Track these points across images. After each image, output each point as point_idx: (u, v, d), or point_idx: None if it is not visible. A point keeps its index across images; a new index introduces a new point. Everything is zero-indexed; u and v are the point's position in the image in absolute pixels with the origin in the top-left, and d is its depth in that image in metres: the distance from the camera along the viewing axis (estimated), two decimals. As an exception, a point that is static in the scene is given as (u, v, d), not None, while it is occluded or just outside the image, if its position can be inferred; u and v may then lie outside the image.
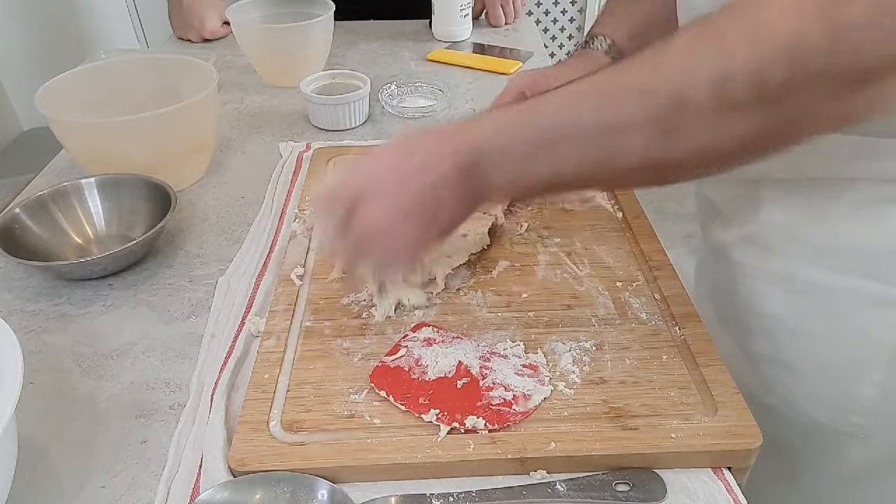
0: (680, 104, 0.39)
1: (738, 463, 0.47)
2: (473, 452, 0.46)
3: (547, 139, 0.45)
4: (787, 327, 0.59)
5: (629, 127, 0.42)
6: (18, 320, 0.61)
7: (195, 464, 0.48)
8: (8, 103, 1.55)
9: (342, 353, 0.54)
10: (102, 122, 0.74)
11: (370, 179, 0.50)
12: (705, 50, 0.39)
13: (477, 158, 0.47)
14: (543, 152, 0.45)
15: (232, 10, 1.06)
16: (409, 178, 0.48)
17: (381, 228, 0.48)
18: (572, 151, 0.44)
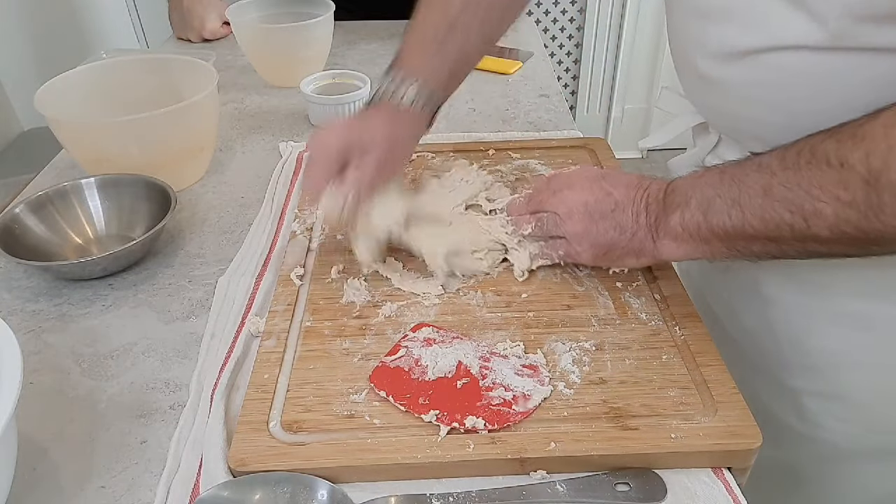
0: (874, 185, 0.41)
1: (738, 463, 0.47)
2: (473, 452, 0.46)
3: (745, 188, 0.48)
4: (841, 362, 0.59)
5: (824, 194, 0.43)
6: (18, 320, 0.61)
7: (195, 464, 0.48)
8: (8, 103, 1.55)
9: (342, 353, 0.54)
10: (102, 122, 0.74)
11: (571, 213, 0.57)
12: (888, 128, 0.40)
13: (678, 183, 0.53)
14: (739, 200, 0.48)
15: (232, 10, 1.06)
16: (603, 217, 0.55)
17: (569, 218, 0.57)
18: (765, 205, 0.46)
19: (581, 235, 0.56)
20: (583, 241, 0.57)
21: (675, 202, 0.52)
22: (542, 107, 0.99)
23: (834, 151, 0.43)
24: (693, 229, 0.51)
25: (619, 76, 2.50)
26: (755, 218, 0.47)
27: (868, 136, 0.42)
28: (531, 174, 0.77)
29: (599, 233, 0.56)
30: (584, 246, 0.57)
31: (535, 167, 0.78)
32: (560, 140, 0.85)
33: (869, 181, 0.41)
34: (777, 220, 0.46)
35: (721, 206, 0.49)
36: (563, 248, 0.59)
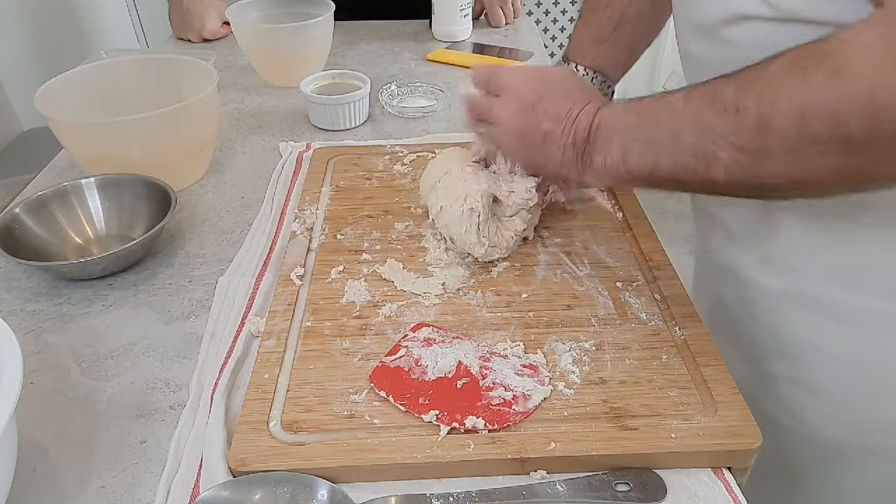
0: (764, 128, 0.42)
1: (738, 463, 0.47)
2: (473, 452, 0.46)
3: (657, 133, 0.49)
4: (810, 349, 0.59)
5: (720, 139, 0.44)
6: (18, 320, 0.61)
7: (195, 464, 0.48)
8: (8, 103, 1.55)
9: (342, 353, 0.54)
10: (102, 122, 0.74)
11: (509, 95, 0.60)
12: (791, 82, 0.41)
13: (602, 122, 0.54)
14: (652, 144, 0.50)
15: (232, 10, 1.06)
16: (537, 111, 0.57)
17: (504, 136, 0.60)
18: (673, 149, 0.48)
19: (513, 153, 0.62)
20: (514, 155, 0.63)
21: (598, 144, 0.54)
22: (542, 107, 0.99)
23: (732, 97, 0.44)
24: (613, 170, 0.53)
25: (619, 76, 2.50)
26: (667, 161, 0.49)
27: (762, 79, 0.42)
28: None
29: (529, 157, 0.61)
30: (516, 158, 0.63)
31: (535, 167, 0.78)
32: (560, 140, 0.85)
33: (759, 126, 0.42)
34: (683, 163, 0.48)
35: (638, 150, 0.51)
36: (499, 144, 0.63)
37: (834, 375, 0.58)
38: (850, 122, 0.38)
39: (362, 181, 0.77)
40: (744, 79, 0.44)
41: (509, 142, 0.61)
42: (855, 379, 0.57)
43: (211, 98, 0.78)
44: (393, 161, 0.80)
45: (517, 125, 0.59)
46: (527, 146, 0.59)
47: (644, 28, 0.74)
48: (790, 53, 0.42)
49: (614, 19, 0.73)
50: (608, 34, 0.74)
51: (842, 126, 0.39)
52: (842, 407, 0.59)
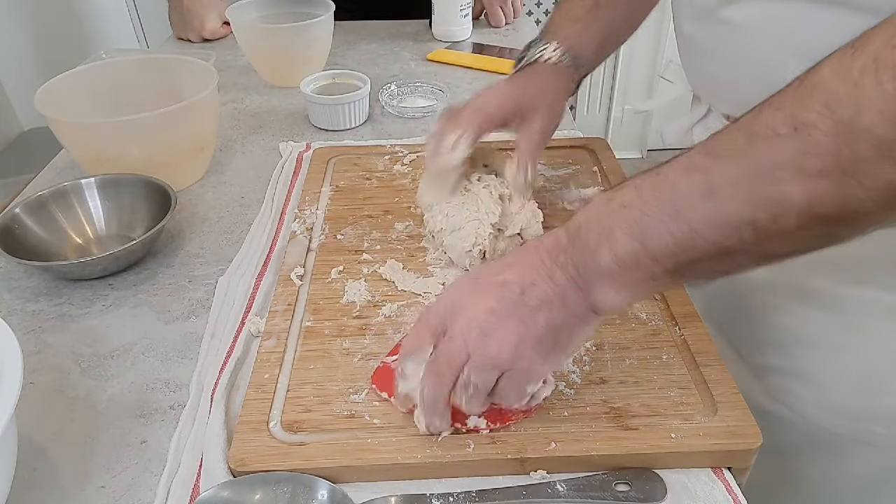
0: (848, 135, 0.32)
1: (738, 463, 0.47)
2: (473, 452, 0.46)
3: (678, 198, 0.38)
4: (802, 339, 0.58)
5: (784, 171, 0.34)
6: (18, 320, 0.61)
7: (195, 464, 0.48)
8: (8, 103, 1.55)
9: (342, 353, 0.54)
10: (102, 122, 0.74)
11: None
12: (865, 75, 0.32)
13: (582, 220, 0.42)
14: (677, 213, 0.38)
15: (232, 10, 1.06)
16: None
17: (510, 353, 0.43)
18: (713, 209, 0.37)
19: (514, 347, 0.42)
20: (520, 352, 0.42)
21: (591, 241, 0.41)
22: (542, 107, 0.99)
23: (780, 119, 0.34)
24: (631, 263, 0.40)
25: (619, 76, 2.50)
26: (706, 226, 0.37)
27: (819, 86, 0.34)
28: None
29: (528, 327, 0.42)
30: (527, 356, 0.42)
31: (535, 167, 0.78)
32: (560, 140, 0.85)
33: (838, 135, 0.33)
34: (735, 220, 0.36)
35: (657, 226, 0.38)
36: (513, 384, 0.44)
37: (826, 365, 0.58)
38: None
39: (362, 181, 0.77)
40: (785, 98, 0.35)
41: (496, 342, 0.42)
42: (847, 369, 0.57)
43: (211, 98, 0.78)
44: (393, 161, 0.80)
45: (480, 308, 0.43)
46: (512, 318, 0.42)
47: (621, 13, 0.71)
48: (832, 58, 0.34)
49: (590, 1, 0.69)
50: (583, 14, 0.69)
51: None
52: (836, 397, 0.59)
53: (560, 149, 0.82)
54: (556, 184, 0.76)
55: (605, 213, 0.41)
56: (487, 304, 0.43)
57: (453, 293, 0.45)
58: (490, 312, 0.42)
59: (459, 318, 0.43)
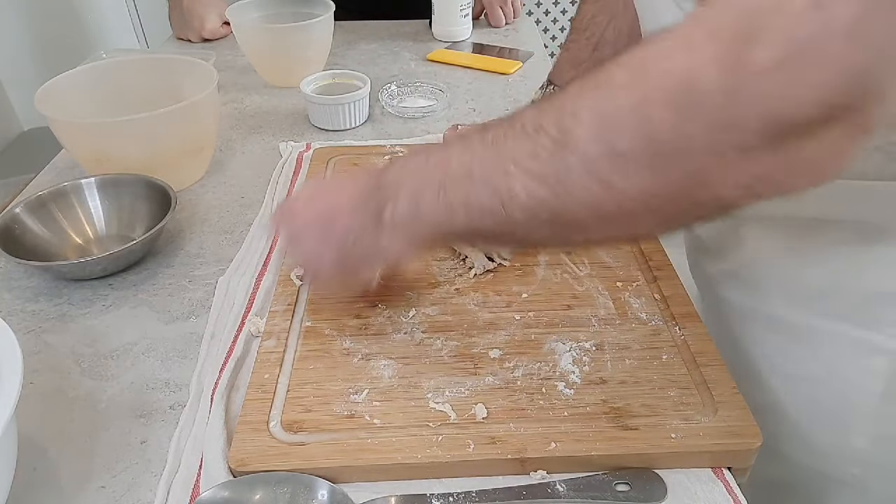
0: (562, 145, 0.35)
1: (738, 463, 0.47)
2: (473, 452, 0.46)
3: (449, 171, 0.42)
4: (776, 371, 0.57)
5: (515, 168, 0.37)
6: (18, 320, 0.61)
7: (195, 464, 0.48)
8: (8, 103, 1.55)
9: (342, 353, 0.54)
10: (102, 122, 0.74)
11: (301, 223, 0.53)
12: (592, 88, 0.35)
13: (389, 171, 0.47)
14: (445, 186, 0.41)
15: (232, 10, 1.06)
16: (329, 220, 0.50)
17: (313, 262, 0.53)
18: (468, 190, 0.40)
19: (317, 260, 0.52)
20: (320, 264, 0.52)
21: (385, 194, 0.45)
22: (542, 107, 0.99)
23: (531, 119, 0.37)
24: (406, 222, 0.44)
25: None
26: (461, 206, 0.40)
27: (562, 96, 0.36)
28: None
29: (328, 249, 0.50)
30: (324, 269, 0.52)
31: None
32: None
33: (557, 143, 0.35)
34: (479, 205, 0.39)
35: (429, 195, 0.42)
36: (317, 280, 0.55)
37: (799, 400, 0.56)
38: (660, 123, 0.32)
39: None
40: (545, 101, 0.38)
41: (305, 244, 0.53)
42: (819, 405, 0.55)
43: (211, 98, 0.78)
44: (393, 161, 0.80)
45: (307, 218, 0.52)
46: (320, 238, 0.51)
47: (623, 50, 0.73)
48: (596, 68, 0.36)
49: (593, 41, 0.71)
50: (586, 56, 0.72)
51: (646, 127, 0.32)
52: (811, 434, 0.57)
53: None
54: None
55: (401, 172, 0.46)
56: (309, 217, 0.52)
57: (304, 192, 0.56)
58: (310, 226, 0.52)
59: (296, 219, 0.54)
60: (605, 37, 0.71)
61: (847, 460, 0.56)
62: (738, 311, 0.59)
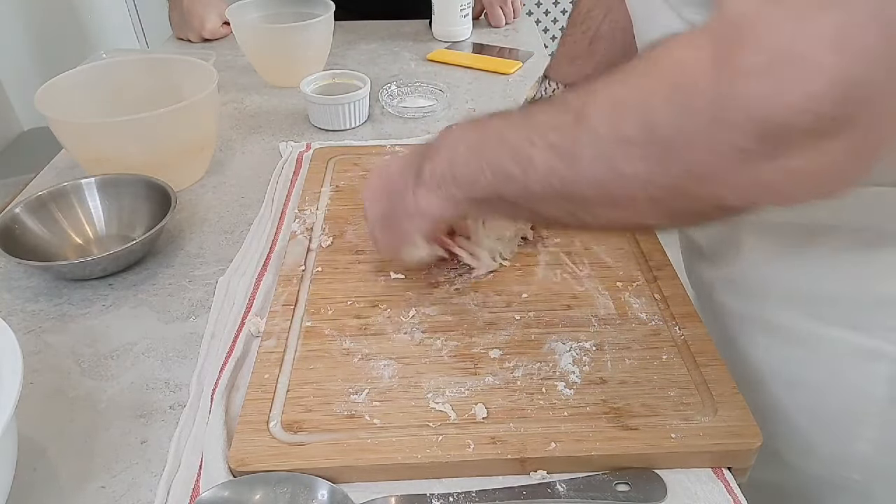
0: (579, 121, 0.37)
1: (738, 463, 0.47)
2: (473, 452, 0.46)
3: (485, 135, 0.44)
4: (776, 377, 0.57)
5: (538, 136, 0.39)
6: (18, 320, 0.61)
7: (195, 464, 0.48)
8: (8, 103, 1.55)
9: (342, 353, 0.54)
10: (102, 122, 0.74)
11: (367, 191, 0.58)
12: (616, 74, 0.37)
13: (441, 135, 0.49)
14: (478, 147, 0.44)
15: (232, 10, 1.06)
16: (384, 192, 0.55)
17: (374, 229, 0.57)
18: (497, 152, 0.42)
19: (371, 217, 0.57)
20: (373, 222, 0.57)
21: (430, 152, 0.49)
22: (542, 107, 0.99)
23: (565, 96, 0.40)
24: (440, 179, 0.47)
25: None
26: (488, 167, 0.43)
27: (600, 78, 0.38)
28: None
29: (380, 205, 0.56)
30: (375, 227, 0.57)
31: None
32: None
33: (576, 118, 0.37)
34: (503, 169, 0.41)
35: (464, 155, 0.45)
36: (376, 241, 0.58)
37: (800, 405, 0.56)
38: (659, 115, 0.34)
39: (362, 181, 0.77)
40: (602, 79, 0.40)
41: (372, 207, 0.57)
42: (820, 411, 0.55)
43: (211, 98, 0.78)
44: (393, 161, 0.80)
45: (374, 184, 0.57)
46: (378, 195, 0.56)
47: (619, 45, 0.72)
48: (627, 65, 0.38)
49: (588, 35, 0.71)
50: (582, 51, 0.72)
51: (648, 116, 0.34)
52: (813, 440, 0.56)
53: (560, 149, 0.82)
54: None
55: (448, 134, 0.48)
56: (376, 183, 0.57)
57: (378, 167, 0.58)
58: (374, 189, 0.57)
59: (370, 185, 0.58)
60: (601, 31, 0.71)
61: (849, 466, 0.56)
62: (736, 316, 0.59)
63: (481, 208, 0.47)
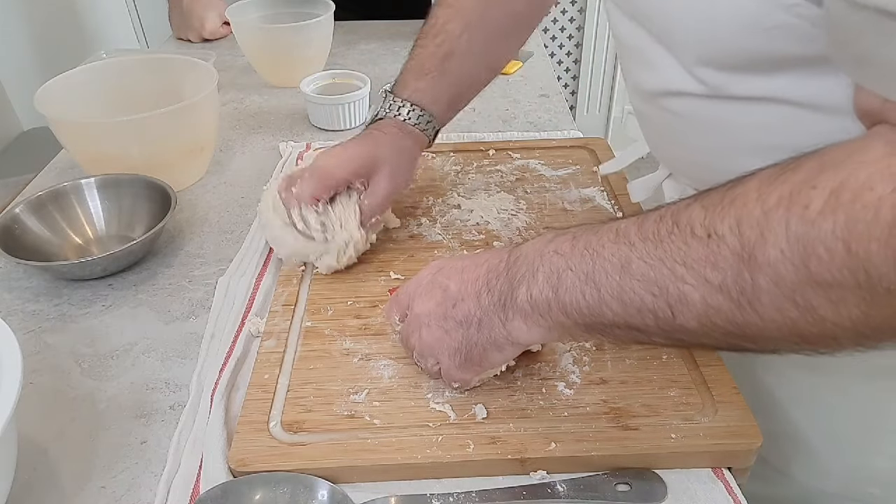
0: (750, 262, 0.32)
1: (738, 463, 0.47)
2: (473, 452, 0.46)
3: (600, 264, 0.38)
4: (786, 399, 0.56)
5: (690, 273, 0.34)
6: (18, 320, 0.61)
7: (195, 464, 0.48)
8: (8, 103, 1.55)
9: (342, 353, 0.54)
10: (102, 122, 0.74)
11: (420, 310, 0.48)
12: (782, 206, 0.31)
13: (523, 250, 0.43)
14: (593, 278, 0.38)
15: (232, 10, 1.06)
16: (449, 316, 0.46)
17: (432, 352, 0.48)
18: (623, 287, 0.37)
19: (436, 349, 0.47)
20: (441, 354, 0.47)
21: (519, 274, 0.43)
22: (542, 107, 0.99)
23: (700, 220, 0.34)
24: (543, 308, 0.41)
25: (619, 76, 2.50)
26: (613, 300, 0.38)
27: (739, 199, 0.33)
28: (531, 174, 0.77)
29: (449, 337, 0.46)
30: (445, 360, 0.47)
31: (535, 167, 0.78)
32: (560, 140, 0.85)
33: (742, 257, 0.32)
34: (638, 304, 0.37)
35: (573, 282, 0.39)
36: (443, 375, 0.49)
37: (815, 427, 0.56)
38: (865, 254, 0.29)
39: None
40: (712, 199, 0.35)
41: (425, 339, 0.48)
42: (838, 431, 0.55)
43: (211, 98, 0.78)
44: (393, 161, 0.80)
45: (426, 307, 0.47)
46: (441, 325, 0.47)
47: (473, 66, 0.67)
48: (761, 175, 0.33)
49: (443, 50, 0.65)
50: (434, 66, 0.65)
51: (856, 261, 0.29)
52: (827, 458, 0.56)
53: (560, 149, 0.82)
54: (556, 184, 0.76)
55: (541, 251, 0.42)
56: (428, 306, 0.47)
57: (418, 281, 0.50)
58: (429, 314, 0.47)
59: (412, 309, 0.49)
60: (456, 48, 0.64)
61: (867, 481, 0.55)
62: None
63: (597, 335, 0.41)
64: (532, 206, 0.72)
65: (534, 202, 0.72)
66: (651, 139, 0.60)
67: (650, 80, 0.51)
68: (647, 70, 0.51)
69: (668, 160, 0.60)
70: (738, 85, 0.44)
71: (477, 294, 0.45)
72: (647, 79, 0.51)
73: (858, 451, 0.55)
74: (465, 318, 0.45)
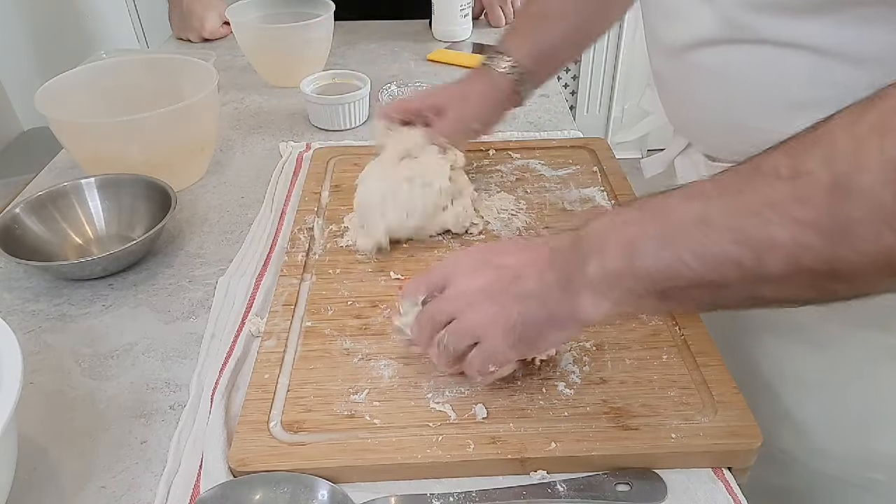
0: (843, 193, 0.32)
1: (738, 463, 0.47)
2: (473, 452, 0.46)
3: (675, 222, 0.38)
4: (792, 381, 0.56)
5: (777, 214, 0.34)
6: (18, 320, 0.61)
7: (195, 464, 0.48)
8: (8, 103, 1.55)
9: (342, 353, 0.54)
10: (102, 122, 0.74)
11: None
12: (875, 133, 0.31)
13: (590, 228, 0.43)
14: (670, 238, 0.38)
15: (232, 10, 1.06)
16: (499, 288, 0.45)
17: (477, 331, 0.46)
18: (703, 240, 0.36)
19: (487, 326, 0.45)
20: (492, 331, 0.45)
21: (588, 248, 0.42)
22: (542, 107, 0.99)
23: (785, 163, 0.34)
24: (614, 278, 0.40)
25: (619, 76, 2.50)
26: (692, 256, 0.37)
27: (825, 138, 0.33)
28: (531, 174, 0.77)
29: (506, 313, 0.44)
30: (496, 338, 0.45)
31: (535, 167, 0.78)
32: (560, 140, 0.85)
33: (835, 190, 0.32)
34: (720, 255, 0.36)
35: (647, 246, 0.39)
36: (478, 358, 0.46)
37: (820, 410, 0.56)
38: None
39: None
40: (793, 144, 0.34)
41: (475, 314, 0.45)
42: (843, 414, 0.55)
43: (211, 98, 0.78)
44: (393, 161, 0.80)
45: (475, 283, 0.46)
46: (496, 300, 0.45)
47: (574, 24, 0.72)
48: (844, 112, 0.33)
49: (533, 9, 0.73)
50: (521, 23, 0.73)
51: None
52: (830, 441, 0.56)
53: (560, 149, 0.82)
54: (556, 184, 0.75)
55: (608, 225, 0.42)
56: (480, 283, 0.46)
57: (461, 260, 0.49)
58: (480, 290, 0.46)
59: (454, 286, 0.47)
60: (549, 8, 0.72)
61: (870, 466, 0.56)
62: (750, 320, 0.58)
63: (671, 301, 0.41)
64: (532, 206, 0.72)
65: (534, 202, 0.72)
66: (670, 105, 0.60)
67: (677, 32, 0.51)
68: (675, 21, 0.52)
69: (686, 126, 0.60)
70: (767, 27, 0.44)
71: (540, 272, 0.44)
72: (675, 31, 0.51)
73: (863, 434, 0.55)
74: (527, 293, 0.44)
